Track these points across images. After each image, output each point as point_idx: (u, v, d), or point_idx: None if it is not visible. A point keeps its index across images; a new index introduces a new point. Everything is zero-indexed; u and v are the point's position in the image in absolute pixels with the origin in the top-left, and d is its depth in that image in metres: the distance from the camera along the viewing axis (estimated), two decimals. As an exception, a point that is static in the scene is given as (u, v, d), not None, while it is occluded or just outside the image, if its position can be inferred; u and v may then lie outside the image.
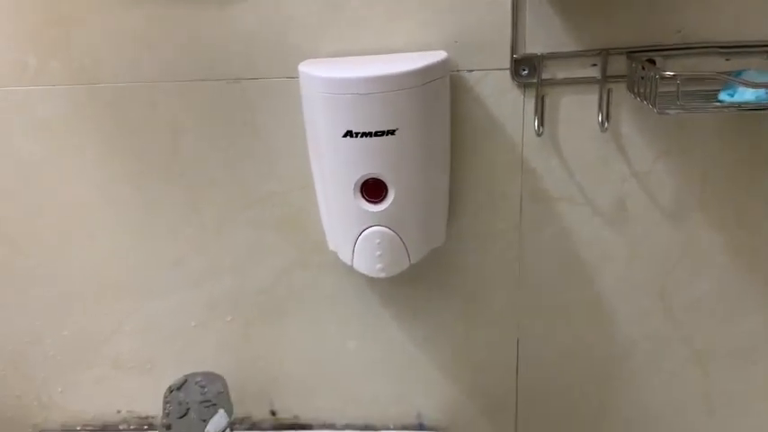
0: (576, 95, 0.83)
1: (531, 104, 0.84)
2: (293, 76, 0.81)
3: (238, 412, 1.00)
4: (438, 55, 0.77)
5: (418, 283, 0.93)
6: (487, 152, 0.86)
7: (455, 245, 0.90)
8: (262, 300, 0.96)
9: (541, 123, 0.84)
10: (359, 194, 0.76)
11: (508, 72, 0.82)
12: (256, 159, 0.88)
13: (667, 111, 0.72)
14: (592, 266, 0.91)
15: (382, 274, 0.80)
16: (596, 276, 0.92)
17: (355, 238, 0.79)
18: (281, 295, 0.95)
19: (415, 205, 0.78)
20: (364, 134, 0.72)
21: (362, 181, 0.76)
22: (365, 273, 0.81)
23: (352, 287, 0.94)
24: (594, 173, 0.87)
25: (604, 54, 0.81)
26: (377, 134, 0.72)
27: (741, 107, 0.71)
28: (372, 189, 0.76)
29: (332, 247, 0.87)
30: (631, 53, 0.81)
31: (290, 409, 1.03)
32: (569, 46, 0.81)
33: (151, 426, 1.05)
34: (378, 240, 0.78)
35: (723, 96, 0.73)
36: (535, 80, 0.82)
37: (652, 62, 0.80)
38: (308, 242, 0.91)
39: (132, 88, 0.85)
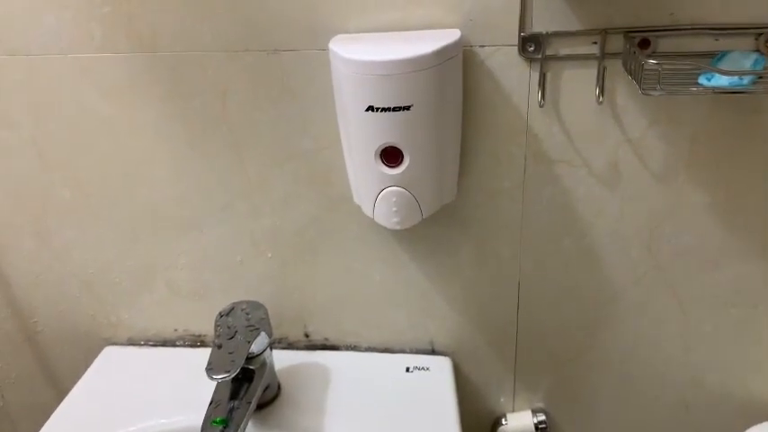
0: (577, 70, 0.91)
1: (535, 78, 0.93)
2: (324, 49, 0.88)
3: (277, 334, 1.17)
4: (452, 35, 0.86)
5: (433, 231, 1.02)
6: (496, 119, 0.93)
7: (465, 200, 0.99)
8: (297, 240, 1.05)
9: (543, 95, 0.93)
10: (378, 160, 0.88)
11: (516, 48, 0.88)
12: (293, 121, 0.95)
13: (650, 92, 0.81)
14: (586, 221, 1.00)
15: (398, 227, 0.92)
16: (590, 230, 1.01)
17: (375, 196, 0.90)
18: (313, 237, 1.04)
19: (428, 169, 0.89)
20: (384, 109, 0.83)
21: (382, 148, 0.84)
22: (384, 225, 0.94)
23: (375, 233, 1.02)
24: (591, 139, 0.94)
25: (604, 34, 0.89)
26: (395, 109, 0.83)
27: (715, 91, 0.80)
28: (390, 155, 0.85)
29: (356, 200, 1.00)
30: (628, 33, 0.89)
31: (321, 332, 1.17)
32: (572, 26, 0.89)
33: (203, 343, 1.19)
34: (394, 199, 0.90)
35: (702, 80, 0.82)
36: (540, 56, 0.91)
37: (647, 42, 0.89)
38: (336, 194, 0.99)
39: (186, 57, 0.93)
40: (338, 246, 1.05)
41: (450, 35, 0.86)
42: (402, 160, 0.87)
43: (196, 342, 1.21)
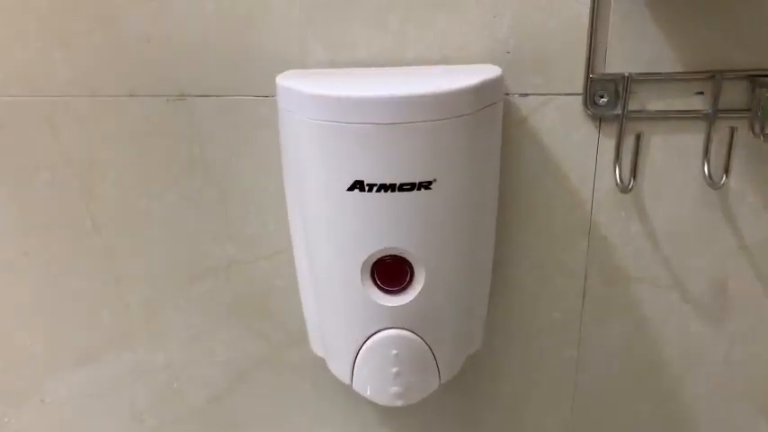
0: (673, 135, 0.60)
1: (608, 146, 0.60)
2: (266, 95, 0.58)
3: None
4: (490, 70, 0.51)
5: (442, 399, 0.69)
6: (543, 212, 0.63)
7: (492, 347, 0.67)
8: (211, 412, 0.70)
9: (620, 175, 0.59)
10: (369, 280, 0.50)
11: (580, 98, 0.59)
12: (207, 213, 0.64)
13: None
14: (676, 373, 0.68)
15: (399, 402, 0.53)
16: (681, 386, 0.69)
17: (358, 346, 0.52)
18: (237, 407, 0.72)
19: (453, 296, 0.52)
20: (383, 187, 0.46)
21: (375, 259, 0.49)
22: (371, 398, 0.53)
23: (345, 404, 0.70)
24: (690, 244, 0.64)
25: (717, 78, 0.57)
26: (403, 188, 0.46)
27: None
28: (390, 272, 0.50)
29: (317, 350, 0.59)
30: (756, 77, 0.57)
31: None
32: (666, 65, 0.58)
33: None
34: (395, 351, 0.51)
35: None
36: (618, 111, 0.59)
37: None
38: (279, 335, 0.68)
39: (22, 104, 0.59)
40: (278, 423, 0.71)
41: (486, 70, 0.51)
42: (411, 281, 0.49)
43: None
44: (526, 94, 0.59)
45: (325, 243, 0.51)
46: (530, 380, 0.69)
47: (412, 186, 0.46)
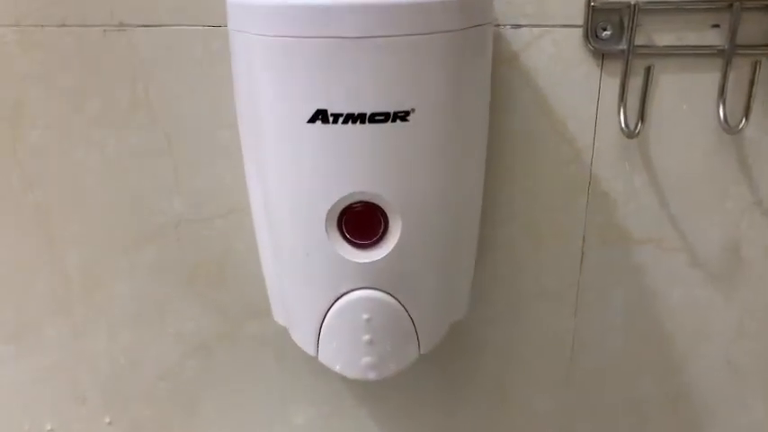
0: (685, 74, 0.53)
1: (612, 86, 0.53)
2: (219, 24, 0.51)
3: None
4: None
5: (421, 379, 0.62)
6: (536, 164, 0.56)
7: (477, 315, 0.59)
8: (162, 390, 0.63)
9: (625, 119, 0.52)
10: (335, 232, 0.42)
11: (579, 31, 0.52)
12: (153, 163, 0.56)
13: None
14: (683, 347, 0.62)
15: (372, 375, 0.45)
16: (688, 361, 0.62)
17: (324, 310, 0.44)
18: (191, 383, 0.63)
19: (434, 252, 0.44)
20: (351, 118, 0.38)
21: (342, 207, 0.41)
22: (341, 371, 0.45)
23: (313, 380, 0.63)
24: (700, 200, 0.57)
25: (735, 8, 0.50)
26: (375, 119, 0.38)
27: None
28: (361, 222, 0.42)
29: (279, 318, 0.51)
30: None
31: None
32: None
33: None
34: (366, 315, 0.43)
35: None
36: (623, 46, 0.52)
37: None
38: (236, 303, 0.60)
39: None
40: (238, 400, 0.64)
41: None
42: (385, 232, 0.41)
43: None
44: (518, 26, 0.52)
45: (283, 188, 0.43)
46: (520, 354, 0.62)
47: (386, 117, 0.38)
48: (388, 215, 0.42)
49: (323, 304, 0.44)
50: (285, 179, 0.42)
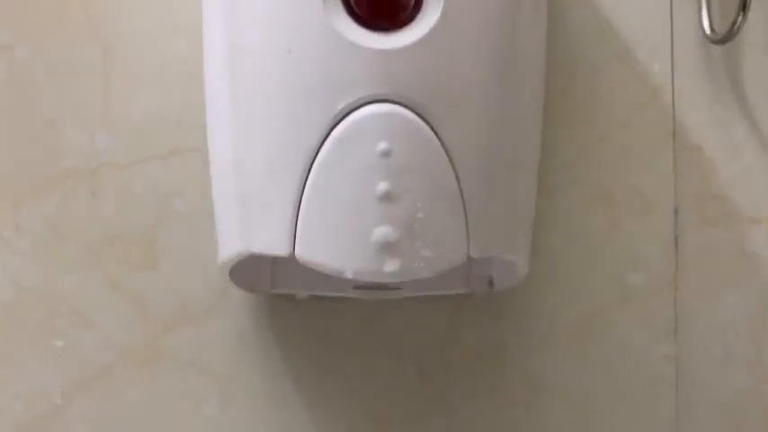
0: None
1: None
2: None
3: None
4: None
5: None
6: (602, 103, 0.43)
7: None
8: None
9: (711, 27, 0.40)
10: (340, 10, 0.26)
11: None
12: (75, 81, 0.42)
13: None
14: None
15: (389, 267, 0.25)
16: None
17: (317, 141, 0.26)
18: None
19: (487, 67, 0.28)
20: None
21: None
22: (330, 268, 0.26)
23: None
24: None
25: None
26: None
27: None
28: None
29: (227, 251, 0.32)
30: None
31: None
32: None
33: None
34: (383, 145, 0.25)
35: None
36: None
37: None
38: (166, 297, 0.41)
39: None
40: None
41: None
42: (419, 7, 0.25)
43: None
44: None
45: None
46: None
47: None
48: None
49: (312, 134, 0.25)
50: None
